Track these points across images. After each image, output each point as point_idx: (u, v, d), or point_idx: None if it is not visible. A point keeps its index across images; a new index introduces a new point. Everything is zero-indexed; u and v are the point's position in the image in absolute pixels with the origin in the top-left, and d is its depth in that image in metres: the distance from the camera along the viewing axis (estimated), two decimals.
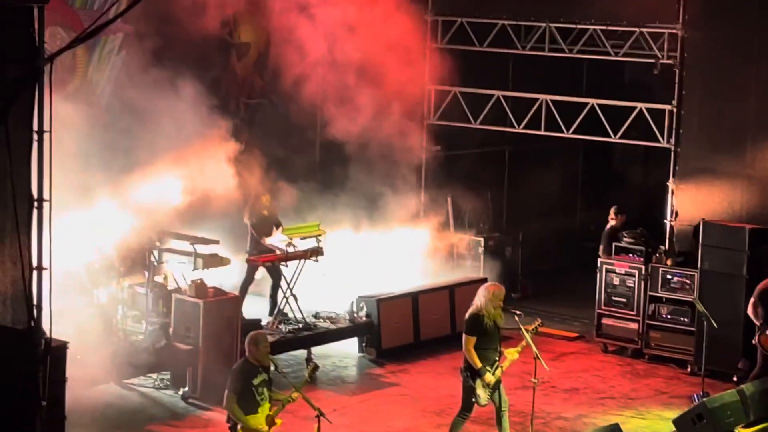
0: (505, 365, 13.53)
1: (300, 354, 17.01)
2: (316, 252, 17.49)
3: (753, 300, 15.89)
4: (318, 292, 17.74)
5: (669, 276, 17.85)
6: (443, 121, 21.12)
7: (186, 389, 15.40)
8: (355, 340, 17.90)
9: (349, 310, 17.84)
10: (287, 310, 17.42)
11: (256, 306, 17.83)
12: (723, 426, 14.05)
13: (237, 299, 16.21)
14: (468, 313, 13.59)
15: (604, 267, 18.53)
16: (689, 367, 17.50)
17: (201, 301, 15.38)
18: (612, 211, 19.40)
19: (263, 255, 17.44)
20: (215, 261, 16.30)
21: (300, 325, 17.25)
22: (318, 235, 17.58)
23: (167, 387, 15.62)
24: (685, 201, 18.18)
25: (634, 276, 18.22)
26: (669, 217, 18.37)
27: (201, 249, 16.19)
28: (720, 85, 17.83)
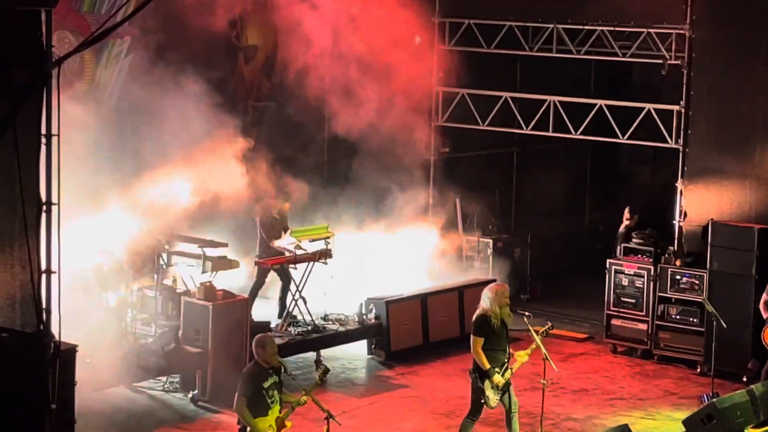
0: (515, 367, 13.53)
1: (309, 356, 17.02)
2: (324, 254, 17.48)
3: (765, 297, 15.91)
4: (327, 294, 17.73)
5: (678, 276, 17.83)
6: (451, 123, 21.12)
7: (195, 392, 15.41)
8: (364, 342, 17.90)
9: (358, 312, 17.84)
10: (296, 312, 17.42)
11: (265, 309, 17.83)
12: (733, 426, 14.03)
13: (246, 302, 16.21)
14: (475, 315, 13.59)
15: (613, 268, 18.51)
16: (699, 368, 17.48)
17: (210, 304, 15.39)
18: (626, 212, 19.41)
19: (272, 258, 17.43)
20: (224, 264, 16.30)
21: (309, 328, 17.26)
22: (326, 238, 17.57)
23: (177, 390, 15.62)
24: (694, 201, 18.16)
25: (643, 277, 18.20)
26: (678, 218, 18.35)
27: (210, 252, 16.20)
28: (728, 85, 17.80)
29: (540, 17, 19.88)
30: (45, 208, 9.55)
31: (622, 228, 19.42)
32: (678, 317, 17.88)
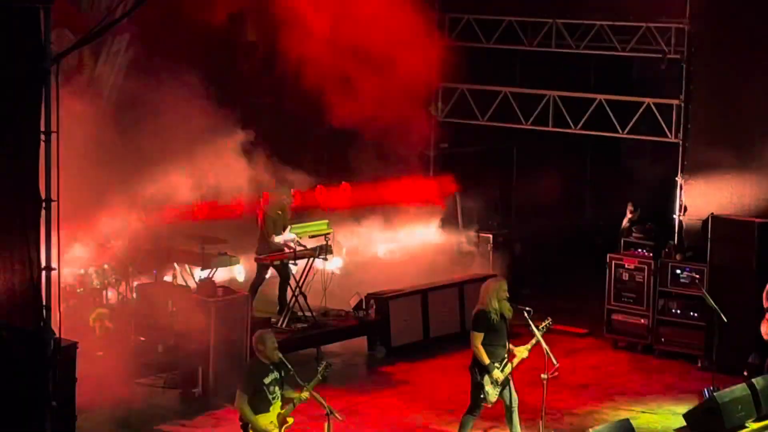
0: (515, 363, 13.53)
1: (310, 353, 17.01)
2: (324, 250, 17.47)
3: None
4: (327, 290, 17.73)
5: (678, 271, 17.82)
6: (451, 118, 21.11)
7: (196, 388, 15.41)
8: (365, 338, 17.90)
9: (359, 307, 17.83)
10: (296, 308, 17.41)
11: (265, 305, 17.82)
12: (734, 420, 14.02)
13: (246, 298, 16.20)
14: (474, 311, 13.60)
15: (613, 263, 18.49)
16: (699, 362, 17.47)
17: (211, 300, 15.39)
18: (629, 207, 19.42)
19: (272, 254, 17.41)
20: (224, 260, 16.30)
21: (309, 324, 17.25)
22: (326, 234, 17.56)
23: (177, 386, 15.62)
24: (694, 196, 18.15)
25: (643, 271, 18.18)
26: (678, 212, 18.34)
27: (210, 248, 16.19)
28: (727, 79, 17.79)
29: (539, 12, 19.89)
30: (44, 204, 9.56)
31: (625, 222, 19.44)
32: (678, 312, 17.87)
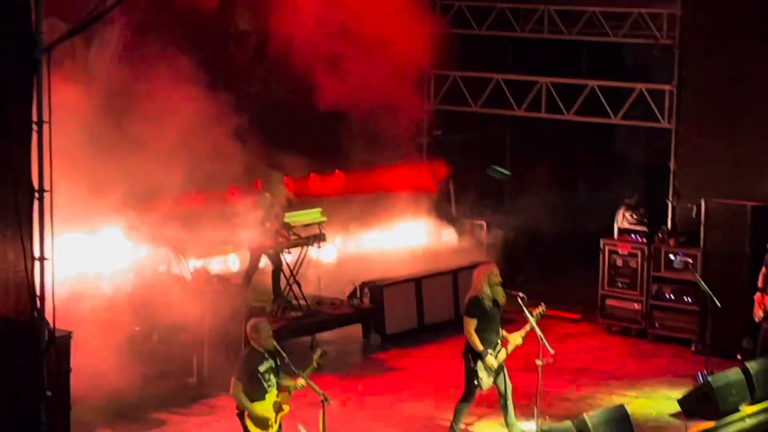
0: (509, 349, 13.56)
1: (304, 341, 17.02)
2: (318, 238, 17.46)
3: (765, 270, 15.80)
4: (321, 278, 17.73)
5: (672, 256, 17.85)
6: (444, 105, 21.11)
7: (192, 377, 15.42)
8: (359, 325, 17.92)
9: (353, 295, 17.85)
10: (290, 296, 17.42)
11: (259, 294, 17.81)
12: (728, 404, 14.09)
13: (241, 287, 16.21)
14: (467, 297, 13.62)
15: (606, 248, 18.52)
16: (693, 347, 17.51)
17: (205, 289, 15.39)
18: (626, 200, 19.47)
19: (265, 242, 17.38)
20: (219, 248, 16.29)
21: (303, 312, 17.26)
22: (320, 222, 17.55)
23: (173, 375, 15.62)
24: (687, 181, 18.17)
25: (637, 256, 18.22)
26: (671, 197, 18.36)
27: (204, 237, 16.18)
28: (719, 65, 17.80)
29: None
30: (37, 195, 9.55)
31: (621, 214, 19.40)
32: (672, 296, 17.91)
